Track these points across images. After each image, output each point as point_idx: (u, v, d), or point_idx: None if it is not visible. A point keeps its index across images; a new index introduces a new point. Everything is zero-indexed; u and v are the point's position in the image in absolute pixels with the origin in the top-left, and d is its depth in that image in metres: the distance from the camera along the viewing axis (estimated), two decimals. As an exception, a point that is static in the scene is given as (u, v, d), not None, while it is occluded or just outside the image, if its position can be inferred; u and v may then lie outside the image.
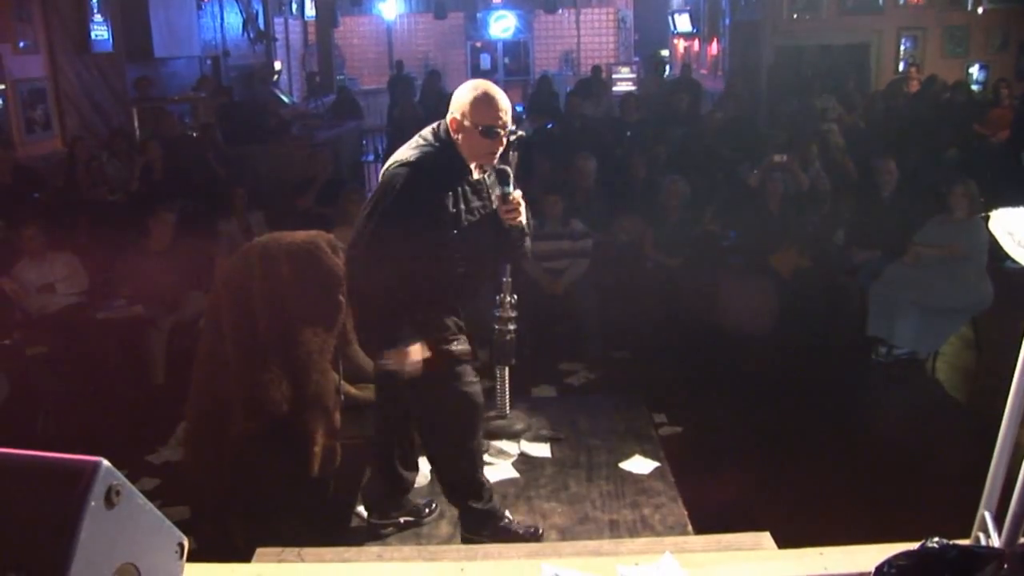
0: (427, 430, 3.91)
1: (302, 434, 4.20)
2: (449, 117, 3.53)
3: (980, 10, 14.70)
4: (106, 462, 1.37)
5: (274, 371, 4.19)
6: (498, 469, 4.48)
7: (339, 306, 4.49)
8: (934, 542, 1.87)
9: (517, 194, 3.58)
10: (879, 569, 1.89)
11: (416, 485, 4.39)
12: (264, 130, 11.08)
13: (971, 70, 14.61)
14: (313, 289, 4.36)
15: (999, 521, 2.04)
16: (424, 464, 4.28)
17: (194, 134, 10.50)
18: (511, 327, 4.62)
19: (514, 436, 4.81)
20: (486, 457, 4.37)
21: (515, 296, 4.64)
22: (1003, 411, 2.08)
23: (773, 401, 5.85)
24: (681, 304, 6.92)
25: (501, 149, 3.56)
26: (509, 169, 3.61)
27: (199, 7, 14.40)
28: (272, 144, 10.62)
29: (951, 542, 1.88)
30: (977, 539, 2.09)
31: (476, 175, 3.59)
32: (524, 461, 4.64)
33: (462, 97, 3.51)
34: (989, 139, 10.40)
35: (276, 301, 4.28)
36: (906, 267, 6.73)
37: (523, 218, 3.63)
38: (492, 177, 3.63)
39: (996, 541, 2.00)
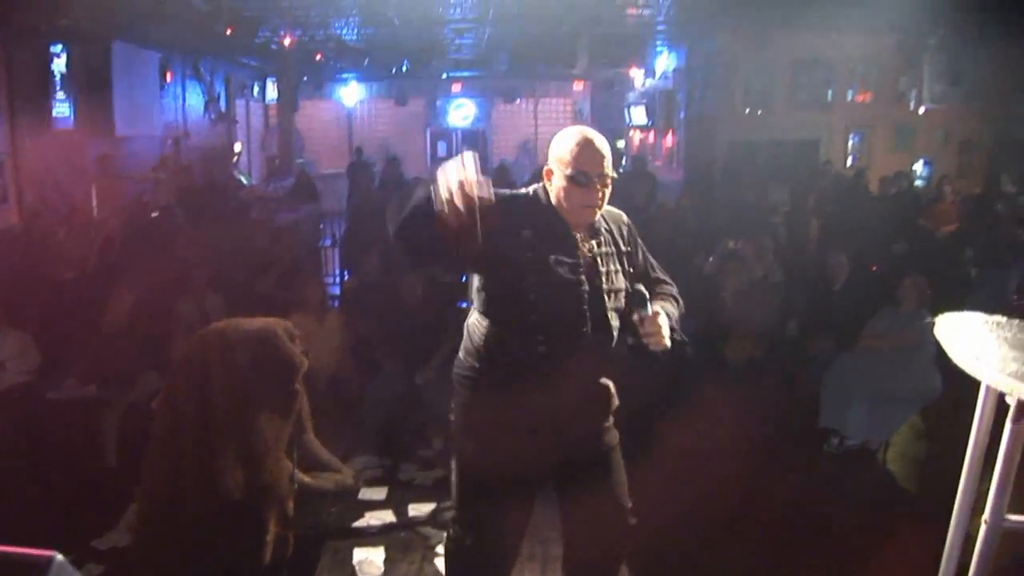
0: None
1: (255, 522, 4.16)
2: (545, 168, 3.28)
3: (923, 109, 15.31)
4: (59, 556, 1.37)
5: (228, 457, 4.16)
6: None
7: (295, 394, 4.51)
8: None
9: (660, 319, 3.18)
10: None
11: None
12: (224, 211, 11.10)
13: (916, 166, 15.12)
14: (270, 376, 4.37)
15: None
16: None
17: (154, 213, 10.50)
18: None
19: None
20: (438, 548, 4.30)
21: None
22: (953, 502, 2.13)
23: (727, 492, 5.86)
24: (633, 394, 6.94)
25: (600, 204, 3.21)
26: (644, 290, 3.21)
27: (162, 87, 14.52)
28: (231, 225, 10.62)
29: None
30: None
31: (577, 234, 3.24)
32: (479, 551, 4.61)
33: (554, 142, 3.26)
34: (933, 233, 10.71)
35: (233, 387, 4.28)
36: (857, 358, 6.86)
37: (667, 341, 3.20)
38: (632, 297, 3.21)
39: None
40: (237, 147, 17.43)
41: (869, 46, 14.32)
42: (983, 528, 2.09)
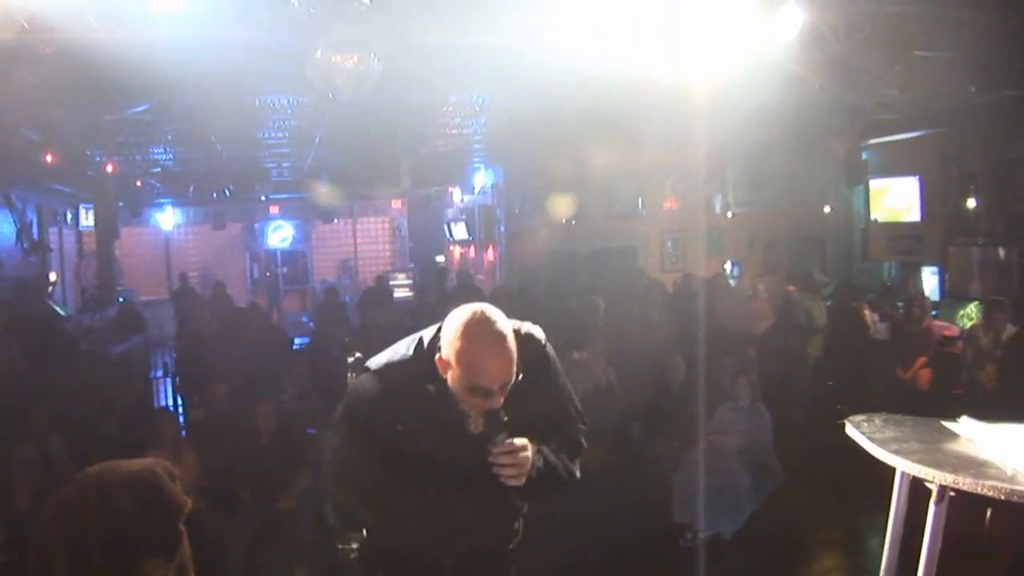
0: None
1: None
2: (438, 355, 2.91)
3: (730, 214, 16.42)
4: None
5: (112, 606, 4.04)
6: None
7: (179, 535, 4.41)
8: None
9: (519, 455, 2.86)
10: None
11: None
12: (50, 346, 10.62)
13: (725, 266, 16.12)
14: (153, 520, 4.26)
15: None
16: None
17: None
18: (354, 545, 4.64)
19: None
20: None
21: (356, 520, 4.66)
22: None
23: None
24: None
25: (498, 403, 2.86)
26: (500, 411, 2.85)
27: (-30, 217, 13.94)
28: (64, 361, 10.17)
29: None
30: None
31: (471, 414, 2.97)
32: None
33: (453, 339, 2.87)
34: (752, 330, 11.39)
35: (114, 534, 4.15)
36: (703, 454, 7.24)
37: (520, 480, 2.87)
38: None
39: None
40: (52, 277, 16.76)
41: (676, 158, 15.18)
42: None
